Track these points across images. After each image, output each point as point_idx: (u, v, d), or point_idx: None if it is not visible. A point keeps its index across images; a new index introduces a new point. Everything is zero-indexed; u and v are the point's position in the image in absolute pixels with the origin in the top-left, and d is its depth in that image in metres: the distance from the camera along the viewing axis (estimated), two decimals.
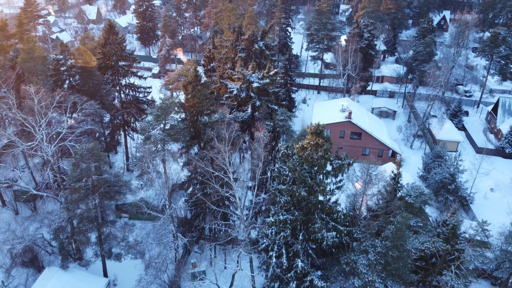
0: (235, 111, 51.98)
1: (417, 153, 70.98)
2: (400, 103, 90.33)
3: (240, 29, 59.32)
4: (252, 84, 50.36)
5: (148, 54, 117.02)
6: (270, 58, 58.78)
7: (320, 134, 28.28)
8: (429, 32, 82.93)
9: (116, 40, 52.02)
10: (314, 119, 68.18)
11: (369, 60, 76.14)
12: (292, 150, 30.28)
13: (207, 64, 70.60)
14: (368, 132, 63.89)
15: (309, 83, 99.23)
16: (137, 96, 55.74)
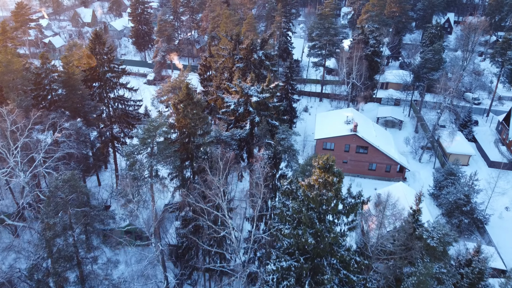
0: (232, 126, 47.87)
1: (426, 167, 66.93)
2: (406, 112, 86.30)
3: (238, 37, 55.24)
4: (250, 98, 46.23)
5: (144, 59, 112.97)
6: (270, 68, 54.68)
7: (330, 169, 24.22)
8: (437, 38, 78.86)
9: (104, 50, 47.91)
10: (317, 131, 64.19)
11: (374, 68, 72.09)
12: (296, 185, 26.20)
13: (203, 73, 66.59)
14: (375, 146, 59.84)
15: (310, 90, 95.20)
16: (126, 110, 51.63)
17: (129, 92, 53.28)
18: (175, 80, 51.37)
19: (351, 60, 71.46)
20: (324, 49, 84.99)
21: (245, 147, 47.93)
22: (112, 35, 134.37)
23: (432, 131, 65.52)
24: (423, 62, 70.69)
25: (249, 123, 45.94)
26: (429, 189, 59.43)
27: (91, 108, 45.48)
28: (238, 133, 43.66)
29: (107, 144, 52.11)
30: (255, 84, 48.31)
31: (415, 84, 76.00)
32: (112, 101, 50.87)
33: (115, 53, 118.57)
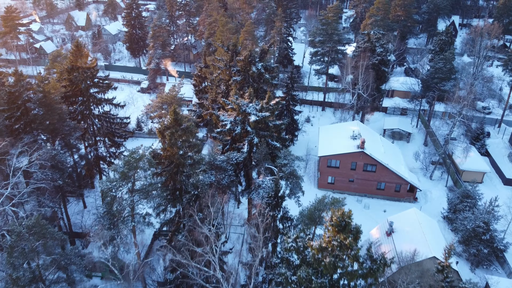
0: (229, 147, 43.31)
1: (437, 185, 62.33)
2: (414, 122, 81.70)
3: (235, 47, 50.68)
4: (249, 116, 41.69)
5: (138, 65, 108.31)
6: (271, 81, 50.10)
7: (346, 228, 19.62)
8: (447, 45, 74.28)
9: (86, 63, 43.33)
10: (321, 146, 59.59)
11: (381, 78, 67.52)
12: (304, 242, 21.59)
13: (198, 84, 62.08)
14: (384, 164, 55.26)
15: (312, 98, 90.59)
16: (112, 128, 47.02)
17: (116, 108, 48.58)
18: (166, 96, 46.77)
19: (356, 69, 66.86)
20: (327, 56, 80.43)
21: (243, 170, 43.37)
22: (106, 40, 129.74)
23: (444, 147, 60.87)
24: (433, 71, 66.08)
25: (247, 145, 41.40)
26: (442, 211, 54.84)
27: (71, 129, 40.88)
28: (235, 157, 39.11)
29: (91, 165, 47.49)
30: (254, 100, 43.79)
31: (425, 94, 71.32)
32: (97, 118, 46.26)
33: (109, 58, 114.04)
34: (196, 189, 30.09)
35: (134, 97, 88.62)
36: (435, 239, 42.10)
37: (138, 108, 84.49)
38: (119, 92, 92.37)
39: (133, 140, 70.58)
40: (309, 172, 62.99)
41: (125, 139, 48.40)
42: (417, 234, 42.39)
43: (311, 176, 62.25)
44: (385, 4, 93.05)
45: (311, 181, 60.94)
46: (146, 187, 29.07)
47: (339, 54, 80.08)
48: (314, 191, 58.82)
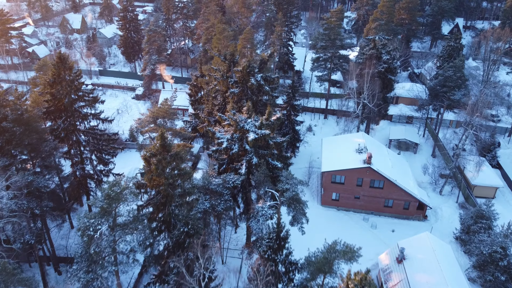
0: (225, 167, 39.73)
1: (448, 201, 58.76)
2: (420, 131, 78.17)
3: (232, 56, 47.12)
4: (247, 133, 38.15)
5: (134, 70, 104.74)
6: (271, 94, 46.54)
7: None
8: (456, 51, 70.74)
9: (70, 76, 39.75)
10: (324, 161, 56.01)
11: (388, 86, 63.96)
12: None
13: (194, 94, 58.52)
14: (392, 180, 51.71)
15: (314, 105, 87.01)
16: (100, 145, 43.41)
17: (103, 123, 44.95)
18: (158, 110, 43.17)
19: (361, 77, 63.35)
20: (329, 62, 76.92)
21: (241, 192, 39.78)
22: (101, 43, 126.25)
23: (454, 161, 57.27)
24: (443, 80, 62.52)
25: (245, 165, 37.80)
26: (455, 232, 51.27)
27: (52, 149, 37.30)
28: (232, 180, 35.52)
29: (76, 186, 43.89)
30: (253, 115, 40.24)
31: (433, 104, 67.78)
32: (83, 134, 42.67)
33: (104, 63, 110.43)
34: (186, 225, 26.57)
35: (129, 105, 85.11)
36: (450, 268, 38.60)
37: (132, 117, 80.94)
38: (113, 99, 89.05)
39: (126, 152, 67.02)
40: (311, 187, 59.40)
41: (113, 156, 44.82)
42: (431, 262, 38.88)
43: (314, 191, 58.68)
44: (389, 8, 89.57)
45: (314, 197, 57.37)
46: (130, 222, 25.55)
47: (342, 60, 76.52)
48: (317, 208, 55.31)
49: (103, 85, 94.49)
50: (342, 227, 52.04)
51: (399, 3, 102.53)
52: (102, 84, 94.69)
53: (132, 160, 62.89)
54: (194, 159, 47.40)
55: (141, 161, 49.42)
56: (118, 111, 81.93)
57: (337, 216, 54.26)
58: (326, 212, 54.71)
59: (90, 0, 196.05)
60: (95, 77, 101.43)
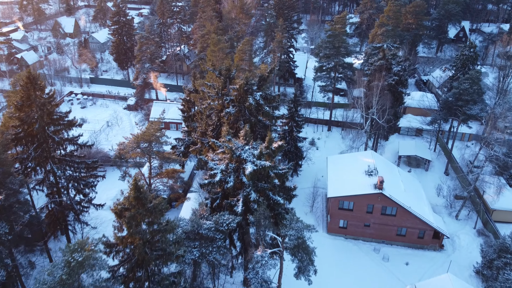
0: (219, 202, 34.62)
1: (465, 227, 53.68)
2: (431, 144, 73.09)
3: (228, 72, 42.02)
4: (244, 164, 33.13)
5: (127, 77, 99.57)
6: (271, 114, 41.44)
7: None
8: (470, 61, 65.68)
9: (41, 98, 34.66)
10: (331, 184, 50.93)
11: (398, 99, 58.91)
12: None
13: (186, 110, 53.44)
14: (406, 208, 46.62)
15: (317, 115, 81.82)
16: (77, 175, 38.29)
17: (82, 149, 39.82)
18: (143, 134, 37.98)
19: (369, 90, 58.31)
20: (333, 71, 71.81)
21: (237, 231, 34.68)
22: (94, 48, 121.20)
23: (473, 183, 52.20)
24: (458, 93, 57.44)
25: (241, 202, 32.69)
26: (475, 265, 46.20)
27: (20, 184, 32.19)
28: (226, 222, 30.40)
29: (53, 219, 38.76)
30: (251, 141, 35.17)
31: (446, 118, 62.74)
32: (58, 162, 37.54)
33: (96, 70, 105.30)
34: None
35: (119, 116, 79.95)
36: None
37: (123, 129, 75.88)
38: (103, 110, 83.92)
39: (114, 170, 62.06)
40: (316, 211, 54.31)
41: (92, 186, 39.72)
42: None
43: (319, 216, 53.58)
44: (396, 12, 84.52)
45: (319, 223, 52.25)
46: None
47: (347, 70, 71.45)
48: (323, 236, 50.18)
49: (93, 94, 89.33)
50: (350, 259, 46.99)
51: (405, 7, 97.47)
52: (93, 94, 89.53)
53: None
54: (185, 187, 42.39)
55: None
56: (108, 123, 76.81)
57: (345, 246, 49.15)
58: (332, 241, 49.62)
59: (85, 3, 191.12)
60: (85, 85, 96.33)
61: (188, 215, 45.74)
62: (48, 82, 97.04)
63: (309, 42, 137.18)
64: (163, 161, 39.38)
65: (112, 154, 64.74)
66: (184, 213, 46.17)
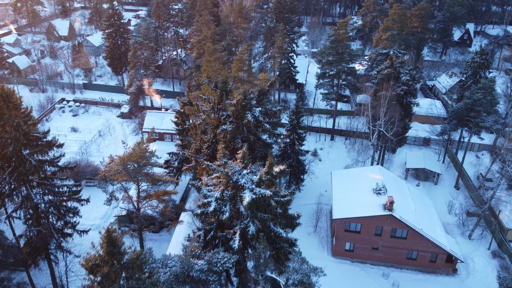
0: (213, 234, 31.03)
1: (479, 248, 50.10)
2: (438, 154, 69.54)
3: (225, 85, 38.45)
4: (242, 190, 29.58)
5: (121, 83, 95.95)
6: (272, 132, 37.87)
7: None
8: (482, 69, 62.13)
9: (16, 118, 31.08)
10: (336, 204, 47.34)
11: (407, 110, 55.36)
12: None
13: (181, 123, 49.84)
14: (417, 230, 43.05)
15: (319, 124, 78.11)
16: (57, 201, 34.68)
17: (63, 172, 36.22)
18: (129, 155, 34.33)
19: (376, 100, 54.81)
20: (336, 78, 68.28)
21: (235, 268, 31.05)
22: (89, 52, 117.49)
23: (488, 202, 48.64)
24: (471, 103, 53.91)
25: (239, 236, 29.10)
26: None
27: None
28: (220, 261, 26.80)
29: (32, 249, 35.21)
30: (249, 164, 31.60)
31: (457, 129, 59.22)
32: (37, 186, 33.96)
33: (90, 75, 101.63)
34: None
35: (112, 125, 76.31)
36: None
37: (115, 139, 72.29)
38: (95, 118, 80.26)
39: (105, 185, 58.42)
40: (320, 231, 50.72)
41: (75, 213, 36.13)
42: None
43: (323, 237, 49.99)
44: (401, 16, 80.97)
45: (324, 245, 48.66)
46: None
47: (351, 77, 67.93)
48: (327, 260, 46.58)
49: (86, 102, 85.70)
50: (357, 286, 43.40)
51: (410, 10, 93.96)
52: (85, 101, 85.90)
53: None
54: (176, 210, 38.77)
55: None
56: (100, 133, 73.19)
57: (352, 270, 45.54)
58: (338, 265, 46.01)
59: (81, 4, 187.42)
60: (78, 91, 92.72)
61: (180, 242, 42.25)
62: (40, 88, 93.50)
63: (310, 45, 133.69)
64: (153, 183, 35.81)
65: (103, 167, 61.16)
66: (176, 239, 42.65)
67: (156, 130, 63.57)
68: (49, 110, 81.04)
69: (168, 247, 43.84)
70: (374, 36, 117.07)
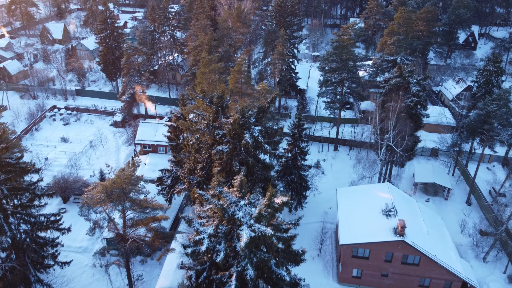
0: (206, 275, 27.43)
1: (494, 272, 46.60)
2: (449, 167, 66.03)
3: (221, 100, 34.88)
4: (239, 225, 26.05)
5: (115, 89, 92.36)
6: (274, 153, 34.28)
7: None
8: (495, 77, 58.59)
9: None
10: (342, 227, 43.77)
11: (417, 122, 51.79)
12: None
13: (174, 138, 46.23)
14: (430, 257, 39.50)
15: (322, 133, 74.43)
16: (34, 233, 31.08)
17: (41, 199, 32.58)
18: (112, 183, 30.67)
19: (384, 111, 51.29)
20: (340, 86, 64.71)
21: None
22: (83, 56, 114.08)
23: (505, 222, 45.11)
24: (484, 115, 50.36)
25: (235, 279, 25.52)
26: None
27: None
28: None
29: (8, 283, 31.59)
30: (247, 194, 28.04)
31: (468, 141, 55.72)
32: (11, 216, 30.35)
33: (83, 80, 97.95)
34: None
35: (104, 135, 72.65)
36: None
37: (107, 150, 68.76)
38: (87, 127, 76.62)
39: None
40: (324, 254, 47.12)
41: (54, 246, 32.53)
42: None
43: (328, 260, 46.40)
44: (407, 20, 77.36)
45: (328, 270, 45.09)
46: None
47: (355, 85, 64.43)
48: (332, 287, 43.04)
49: (77, 109, 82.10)
50: None
51: (416, 13, 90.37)
52: (77, 108, 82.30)
53: None
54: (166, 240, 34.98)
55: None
56: (91, 144, 69.58)
57: None
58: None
59: (78, 6, 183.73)
60: (71, 98, 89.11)
61: (172, 270, 38.66)
62: (31, 94, 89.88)
63: (311, 48, 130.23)
64: (141, 211, 32.24)
65: (93, 181, 57.59)
66: (167, 267, 39.04)
67: (149, 142, 60.04)
68: (39, 118, 77.43)
69: (160, 274, 40.21)
70: (377, 39, 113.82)
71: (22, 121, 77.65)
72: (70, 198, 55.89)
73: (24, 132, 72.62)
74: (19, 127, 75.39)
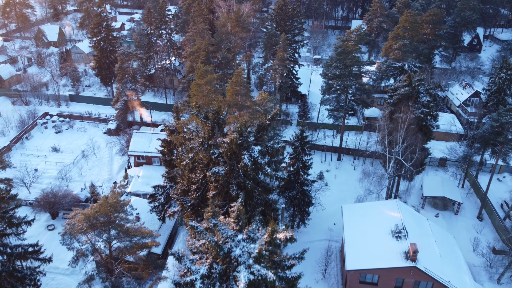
0: None
1: None
2: (459, 180, 62.93)
3: (217, 115, 31.81)
4: (236, 265, 23.02)
5: (110, 94, 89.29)
6: (275, 175, 31.20)
7: None
8: (509, 84, 55.50)
9: None
10: (349, 248, 40.67)
11: (427, 134, 48.73)
12: None
13: (167, 153, 43.14)
14: (444, 283, 36.45)
15: (325, 142, 71.24)
16: (10, 266, 28.00)
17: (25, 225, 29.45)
18: (95, 212, 27.54)
19: (392, 122, 48.22)
20: (344, 93, 61.65)
21: None
22: (78, 60, 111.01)
23: None
24: (498, 126, 47.31)
25: None
26: None
27: None
28: None
29: None
30: (246, 226, 25.06)
31: (479, 153, 52.69)
32: None
33: (78, 85, 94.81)
34: None
35: (97, 144, 69.54)
36: None
37: (100, 161, 65.70)
38: (80, 135, 73.49)
39: None
40: (329, 277, 44.02)
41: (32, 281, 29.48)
42: None
43: (333, 284, 43.31)
44: (413, 23, 74.30)
45: None
46: None
47: (359, 93, 61.36)
48: None
49: (70, 116, 78.99)
50: None
51: (421, 16, 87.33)
52: (70, 115, 79.19)
53: None
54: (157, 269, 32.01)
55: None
56: (84, 153, 66.48)
57: None
58: None
59: (74, 7, 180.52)
60: (64, 104, 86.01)
61: None
62: (23, 100, 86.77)
63: (312, 51, 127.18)
64: (128, 239, 29.19)
65: (84, 196, 54.60)
66: None
67: (143, 153, 57.02)
68: (30, 126, 74.32)
69: None
70: (380, 41, 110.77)
71: (13, 129, 74.53)
72: (59, 214, 52.85)
73: (14, 141, 69.54)
74: (9, 136, 72.37)
